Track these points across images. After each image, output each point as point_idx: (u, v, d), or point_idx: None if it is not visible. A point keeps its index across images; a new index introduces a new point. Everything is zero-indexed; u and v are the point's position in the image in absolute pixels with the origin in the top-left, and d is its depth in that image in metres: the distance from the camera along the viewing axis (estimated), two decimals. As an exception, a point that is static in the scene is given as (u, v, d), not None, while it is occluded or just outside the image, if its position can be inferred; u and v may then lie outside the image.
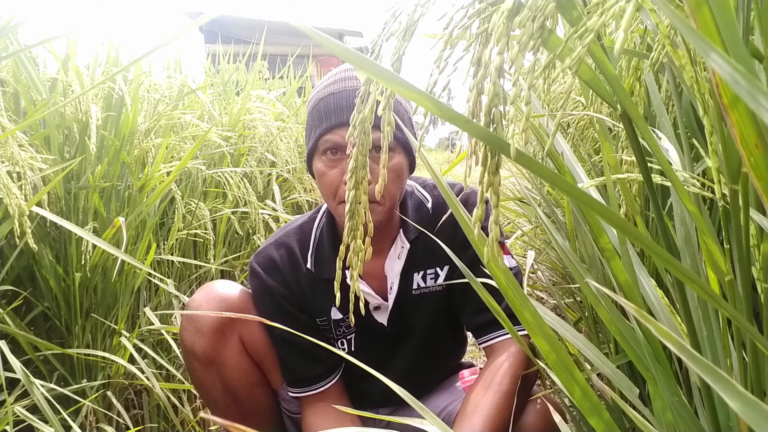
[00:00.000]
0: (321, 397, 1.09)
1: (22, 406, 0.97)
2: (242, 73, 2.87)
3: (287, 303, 1.08)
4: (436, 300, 1.08)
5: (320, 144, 0.98)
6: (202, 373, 1.08)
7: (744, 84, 0.23)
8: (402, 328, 1.10)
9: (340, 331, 1.11)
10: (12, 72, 1.28)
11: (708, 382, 0.25)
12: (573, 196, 0.34)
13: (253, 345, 1.10)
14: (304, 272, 1.08)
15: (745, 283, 0.43)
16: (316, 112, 1.01)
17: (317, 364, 1.08)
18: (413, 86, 0.31)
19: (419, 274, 1.07)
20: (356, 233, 0.44)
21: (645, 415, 0.57)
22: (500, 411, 0.90)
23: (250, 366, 1.11)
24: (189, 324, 1.07)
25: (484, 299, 0.66)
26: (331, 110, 0.98)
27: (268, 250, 1.11)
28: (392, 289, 1.07)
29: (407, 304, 1.08)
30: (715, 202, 0.51)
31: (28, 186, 1.03)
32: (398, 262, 1.07)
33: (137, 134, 1.47)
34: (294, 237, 1.12)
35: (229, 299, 1.09)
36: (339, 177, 0.97)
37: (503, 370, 0.95)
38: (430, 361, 1.15)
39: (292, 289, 1.08)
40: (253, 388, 1.13)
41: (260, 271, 1.09)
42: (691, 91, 0.45)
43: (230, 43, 3.19)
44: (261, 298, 1.09)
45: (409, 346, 1.11)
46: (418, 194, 1.11)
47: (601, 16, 0.34)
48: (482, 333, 1.04)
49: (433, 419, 0.54)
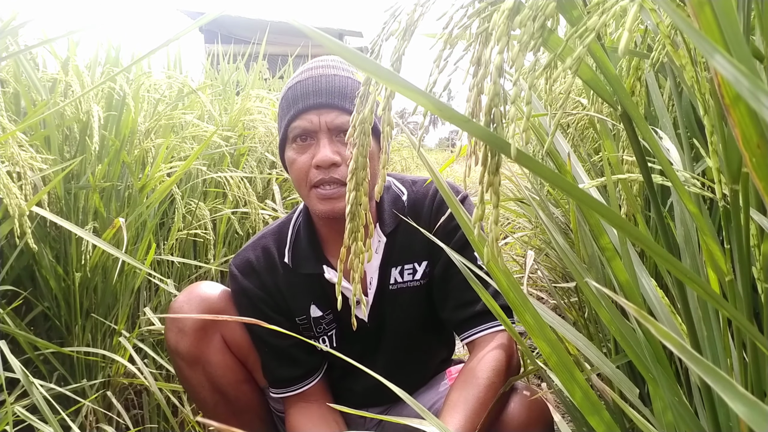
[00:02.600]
0: (303, 397, 1.09)
1: (22, 406, 0.96)
2: (242, 73, 2.86)
3: (263, 305, 1.08)
4: (414, 296, 1.07)
5: (290, 131, 0.99)
6: (189, 372, 1.09)
7: (746, 84, 0.22)
8: (381, 323, 1.10)
9: (321, 328, 1.10)
10: (12, 72, 1.28)
11: (708, 383, 0.25)
12: (573, 196, 0.34)
13: (235, 343, 1.11)
14: (281, 272, 1.09)
15: (746, 283, 0.43)
16: (284, 101, 1.01)
17: (295, 366, 1.09)
18: (413, 86, 0.31)
19: (396, 269, 1.07)
20: (357, 235, 0.44)
21: (645, 415, 0.57)
22: (483, 404, 0.89)
23: (234, 363, 1.12)
24: (172, 324, 1.08)
25: (476, 288, 0.65)
26: (298, 96, 0.98)
27: (245, 253, 1.12)
28: (372, 284, 1.07)
29: (385, 300, 1.08)
30: (715, 202, 0.51)
31: (28, 186, 1.03)
32: (376, 256, 1.06)
33: (137, 134, 1.47)
34: (271, 238, 1.12)
35: (210, 299, 1.10)
36: (308, 161, 0.97)
37: (486, 363, 0.94)
38: (412, 359, 1.14)
39: (269, 290, 1.09)
40: (240, 385, 1.13)
41: (237, 274, 1.10)
42: (691, 91, 0.45)
43: (230, 43, 3.19)
44: (239, 301, 1.10)
45: (389, 342, 1.11)
46: (395, 189, 1.11)
47: (602, 15, 0.34)
48: (464, 328, 1.03)
49: (431, 419, 0.53)
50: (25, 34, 1.19)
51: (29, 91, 1.29)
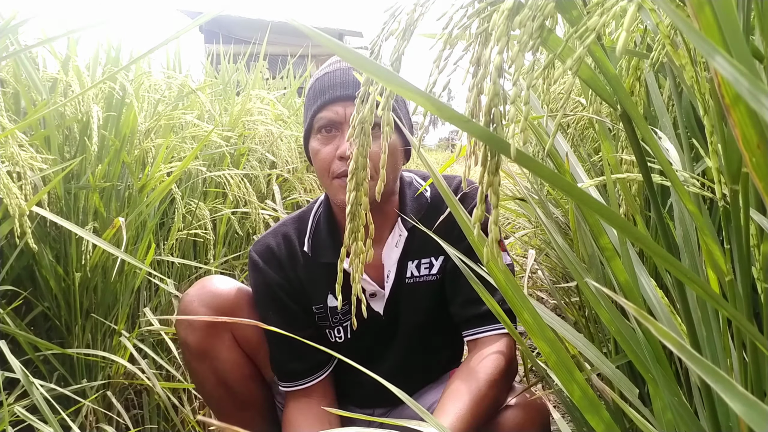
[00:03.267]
0: (306, 393, 1.09)
1: (22, 406, 0.96)
2: (242, 74, 2.86)
3: (282, 292, 1.09)
4: (428, 290, 1.08)
5: (315, 122, 1.00)
6: (196, 365, 1.10)
7: (746, 84, 0.23)
8: (395, 317, 1.10)
9: (336, 318, 1.11)
10: (12, 72, 1.28)
11: (708, 382, 0.25)
12: (573, 196, 0.34)
13: (245, 339, 1.12)
14: (301, 260, 1.09)
15: (745, 283, 0.43)
16: (311, 92, 1.03)
17: (302, 360, 1.09)
18: (413, 86, 0.31)
19: (413, 263, 1.08)
20: (357, 235, 0.44)
21: (645, 415, 0.57)
22: (480, 401, 0.90)
23: (243, 359, 1.12)
24: (182, 319, 1.09)
25: (480, 294, 0.66)
26: (325, 87, 0.99)
27: (266, 239, 1.12)
28: (389, 278, 1.08)
29: (401, 293, 1.08)
30: (715, 202, 0.51)
31: (28, 186, 1.03)
32: (396, 250, 1.07)
33: (137, 134, 1.47)
34: (292, 226, 1.13)
35: (221, 295, 1.10)
36: (332, 152, 0.98)
37: (488, 361, 0.95)
38: (422, 355, 1.14)
39: (288, 277, 1.09)
40: (247, 381, 1.13)
41: (257, 259, 1.10)
42: (691, 91, 0.45)
43: (230, 43, 3.19)
44: (257, 287, 1.10)
45: (402, 337, 1.11)
46: (417, 184, 1.12)
47: (602, 15, 0.34)
48: (470, 326, 1.03)
49: (431, 420, 0.53)
50: (25, 33, 1.19)
51: (29, 91, 1.29)
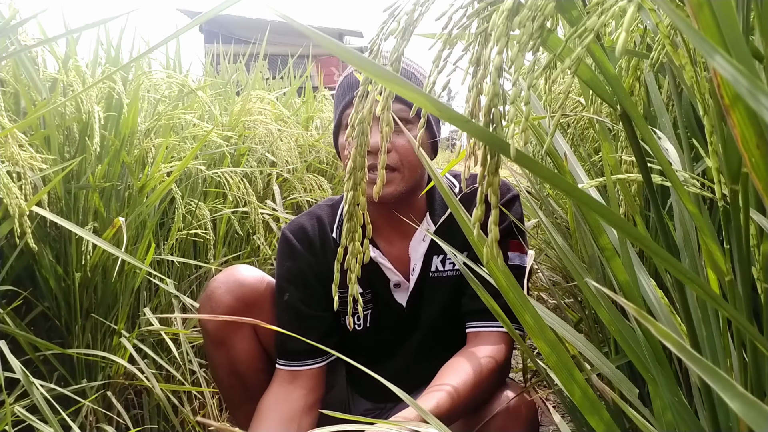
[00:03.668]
0: (292, 379, 1.08)
1: (22, 406, 0.96)
2: (242, 73, 2.86)
3: (309, 269, 1.10)
4: (450, 285, 1.09)
5: (344, 118, 1.02)
6: (212, 351, 1.12)
7: (745, 84, 0.22)
8: (417, 311, 1.11)
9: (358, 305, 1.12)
10: (12, 72, 1.28)
11: (708, 383, 0.25)
12: (573, 196, 0.34)
13: (265, 333, 1.13)
14: (332, 245, 1.11)
15: (745, 284, 0.43)
16: (340, 89, 1.05)
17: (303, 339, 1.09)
18: (412, 86, 0.31)
19: (439, 258, 1.09)
20: (354, 235, 0.44)
21: (645, 415, 0.57)
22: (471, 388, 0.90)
23: (259, 352, 1.14)
24: (206, 303, 1.11)
25: (480, 294, 0.66)
26: (354, 83, 1.01)
27: (300, 220, 1.15)
28: (414, 270, 1.09)
29: (425, 287, 1.10)
30: (715, 202, 0.51)
31: (28, 186, 1.03)
32: (423, 244, 1.09)
33: (137, 134, 1.47)
34: (325, 210, 1.16)
35: (247, 284, 1.11)
36: None
37: (484, 351, 0.97)
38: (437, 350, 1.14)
39: (317, 257, 1.11)
40: (259, 374, 1.14)
41: (290, 236, 1.12)
42: (691, 91, 0.45)
43: (230, 43, 3.19)
44: (283, 262, 1.12)
45: (420, 331, 1.13)
46: (446, 181, 1.13)
47: (601, 16, 0.34)
48: (474, 318, 1.04)
49: (432, 420, 0.53)
50: (25, 32, 1.19)
51: (29, 90, 1.29)
